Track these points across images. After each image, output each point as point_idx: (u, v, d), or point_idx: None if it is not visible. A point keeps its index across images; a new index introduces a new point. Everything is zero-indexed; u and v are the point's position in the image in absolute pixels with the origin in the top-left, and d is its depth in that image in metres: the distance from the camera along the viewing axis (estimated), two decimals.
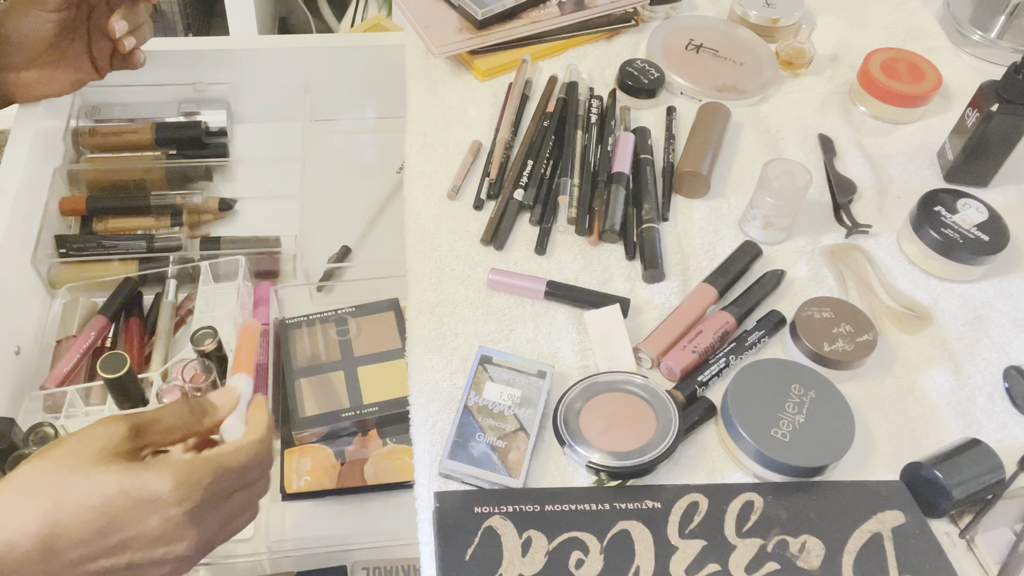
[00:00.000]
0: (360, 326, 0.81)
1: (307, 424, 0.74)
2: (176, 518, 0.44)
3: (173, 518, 0.44)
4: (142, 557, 0.44)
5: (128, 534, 0.44)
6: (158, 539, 0.44)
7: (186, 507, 0.44)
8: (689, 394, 0.62)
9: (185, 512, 0.44)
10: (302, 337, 0.80)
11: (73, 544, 0.43)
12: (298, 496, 0.73)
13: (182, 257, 0.83)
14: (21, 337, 0.75)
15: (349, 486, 0.73)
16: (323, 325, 0.81)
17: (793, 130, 0.84)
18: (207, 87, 0.98)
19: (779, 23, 0.91)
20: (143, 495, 0.44)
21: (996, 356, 0.67)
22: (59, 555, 0.43)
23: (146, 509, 0.44)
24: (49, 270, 0.81)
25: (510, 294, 0.68)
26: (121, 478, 0.44)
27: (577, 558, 0.53)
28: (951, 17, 0.98)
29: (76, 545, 0.43)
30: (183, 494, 0.44)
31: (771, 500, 0.56)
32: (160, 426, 0.47)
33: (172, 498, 0.44)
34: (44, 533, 0.42)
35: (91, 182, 0.89)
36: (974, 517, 0.57)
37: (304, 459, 0.74)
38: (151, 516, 0.44)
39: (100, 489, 0.43)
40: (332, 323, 0.81)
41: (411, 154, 0.79)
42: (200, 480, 0.45)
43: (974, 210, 0.72)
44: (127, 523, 0.43)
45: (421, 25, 0.86)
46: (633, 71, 0.83)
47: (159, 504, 0.44)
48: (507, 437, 0.58)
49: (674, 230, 0.74)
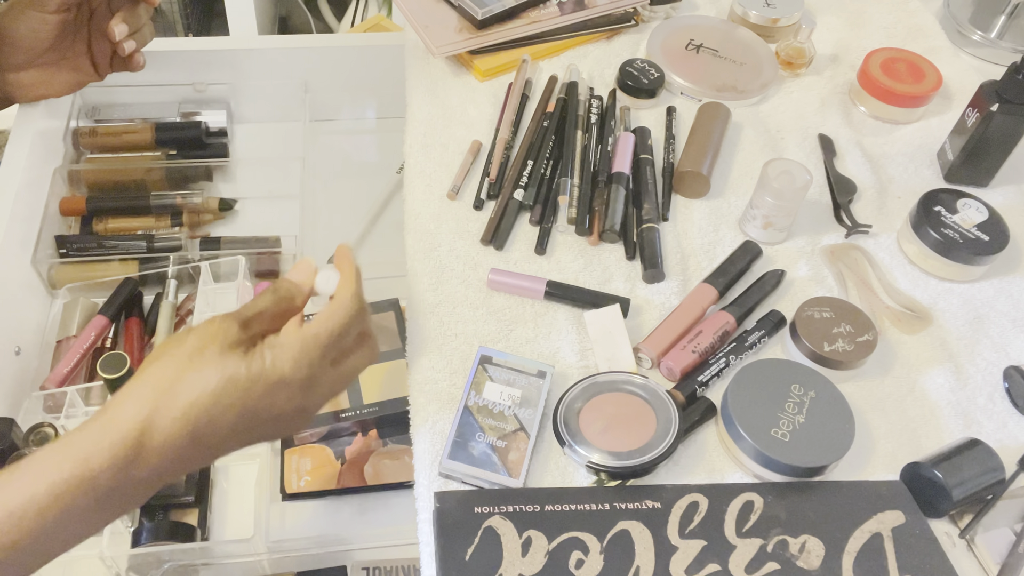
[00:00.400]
0: None
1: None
2: (299, 389, 0.50)
3: (297, 391, 0.50)
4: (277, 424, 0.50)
5: (261, 416, 0.49)
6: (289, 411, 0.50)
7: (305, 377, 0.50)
8: (689, 394, 0.62)
9: (305, 380, 0.50)
10: None
11: (217, 431, 0.48)
12: (298, 496, 0.73)
13: (182, 257, 0.83)
14: (21, 337, 0.75)
15: (349, 486, 0.73)
16: None
17: (793, 130, 0.84)
18: (207, 87, 0.98)
19: (779, 23, 0.91)
20: (270, 379, 0.49)
21: (996, 356, 0.67)
22: (207, 440, 0.48)
23: (274, 390, 0.49)
24: (49, 270, 0.81)
25: (510, 294, 0.68)
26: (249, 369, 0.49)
27: (577, 558, 0.53)
28: (951, 17, 0.98)
29: (220, 431, 0.48)
30: (302, 370, 0.50)
31: (771, 500, 0.56)
32: (263, 316, 0.52)
33: (295, 377, 0.49)
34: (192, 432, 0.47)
35: (91, 182, 0.89)
36: (974, 517, 0.57)
37: (304, 459, 0.74)
38: (279, 394, 0.49)
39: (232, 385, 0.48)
40: None
41: (411, 154, 0.79)
42: (312, 352, 0.50)
43: (974, 210, 0.72)
44: (259, 408, 0.49)
45: (421, 25, 0.86)
46: (633, 71, 0.83)
47: (283, 383, 0.49)
48: (507, 437, 0.58)
49: (674, 230, 0.74)
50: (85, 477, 0.45)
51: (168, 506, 0.70)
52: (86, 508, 0.46)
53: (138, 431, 0.46)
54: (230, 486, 0.74)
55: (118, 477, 0.46)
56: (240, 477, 0.75)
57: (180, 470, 0.49)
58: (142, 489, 0.48)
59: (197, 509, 0.70)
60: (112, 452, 0.46)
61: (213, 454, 0.50)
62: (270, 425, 0.50)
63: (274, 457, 0.75)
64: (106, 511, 0.48)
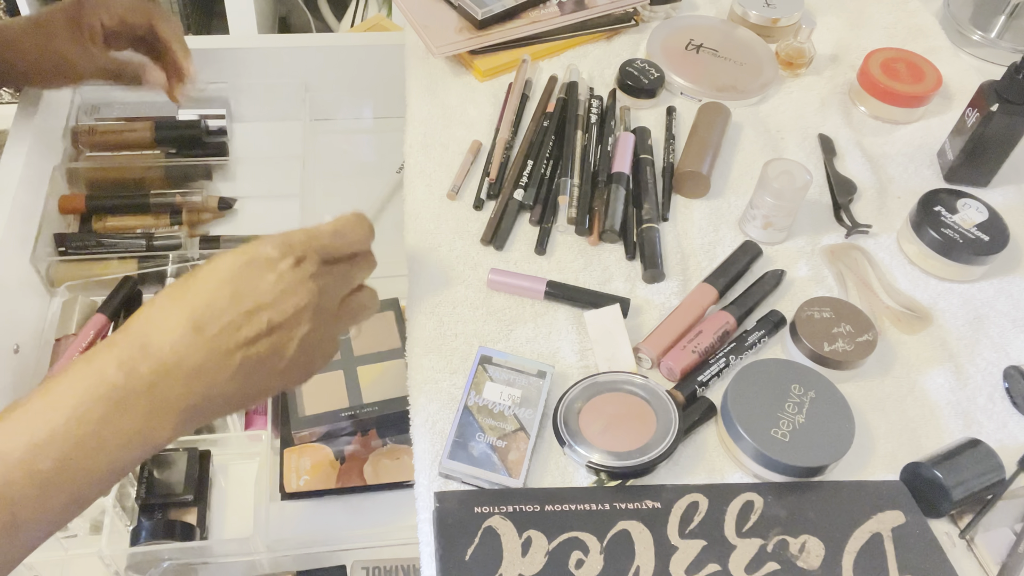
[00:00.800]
0: (360, 325, 0.81)
1: (306, 423, 0.74)
2: (288, 269, 0.50)
3: (286, 271, 0.50)
4: (276, 315, 0.49)
5: (255, 296, 0.49)
6: (281, 293, 0.49)
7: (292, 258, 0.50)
8: (689, 394, 0.62)
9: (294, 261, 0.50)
10: None
11: (215, 315, 0.48)
12: (297, 495, 0.73)
13: (181, 256, 0.83)
14: (20, 335, 0.75)
15: (348, 486, 0.73)
16: None
17: (793, 130, 0.84)
18: (207, 86, 0.97)
19: (779, 23, 0.91)
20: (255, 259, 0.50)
21: (996, 356, 0.67)
22: (206, 329, 0.48)
23: (261, 269, 0.49)
24: (48, 268, 0.81)
25: (510, 294, 0.68)
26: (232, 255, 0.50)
27: (577, 558, 0.53)
28: (951, 17, 0.98)
29: (218, 315, 0.48)
30: (285, 249, 0.50)
31: (771, 500, 0.56)
32: None
33: (276, 253, 0.50)
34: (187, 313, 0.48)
35: (90, 181, 0.89)
36: (974, 517, 0.57)
37: (304, 458, 0.74)
38: (267, 273, 0.49)
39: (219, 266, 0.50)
40: None
41: (411, 154, 0.79)
42: (297, 238, 0.51)
43: (974, 210, 0.72)
44: (250, 284, 0.49)
45: (421, 25, 0.86)
46: (633, 71, 0.83)
47: (270, 261, 0.50)
48: (507, 437, 0.58)
49: (674, 230, 0.74)
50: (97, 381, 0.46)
51: (167, 505, 0.69)
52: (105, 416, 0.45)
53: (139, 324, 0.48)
54: (229, 485, 0.74)
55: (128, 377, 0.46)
56: (239, 476, 0.75)
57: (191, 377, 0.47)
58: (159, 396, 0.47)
59: (196, 508, 0.70)
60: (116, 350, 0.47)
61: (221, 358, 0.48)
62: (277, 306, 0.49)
63: (273, 456, 0.75)
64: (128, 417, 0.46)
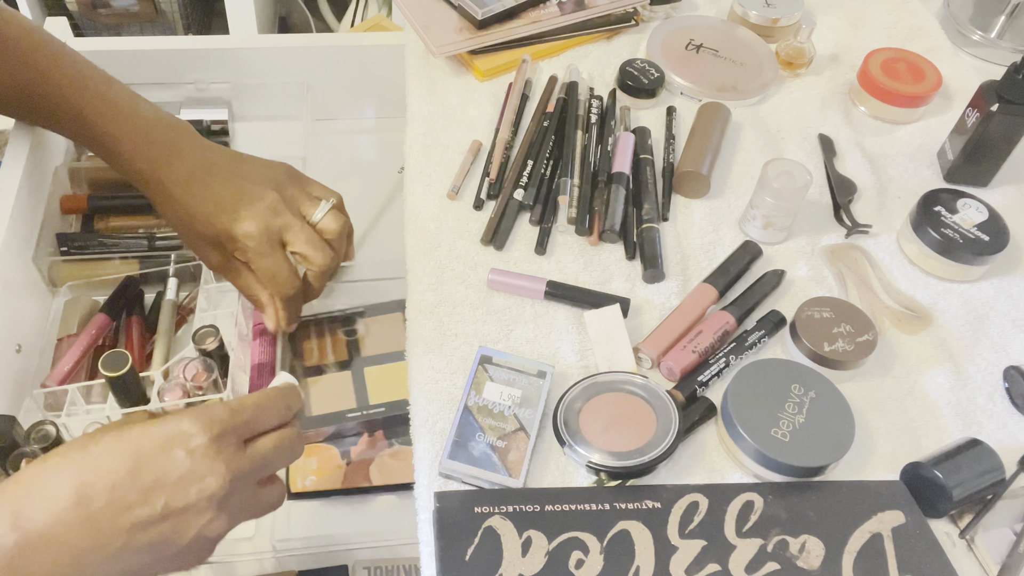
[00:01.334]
0: (368, 326, 0.81)
1: (313, 423, 0.74)
2: (201, 448, 0.45)
3: (197, 448, 0.45)
4: (176, 500, 0.44)
5: (156, 473, 0.44)
6: (187, 474, 0.45)
7: (209, 436, 0.45)
8: (689, 394, 0.62)
9: (209, 440, 0.45)
10: (309, 336, 0.80)
11: (106, 490, 0.43)
12: (304, 495, 0.73)
13: (183, 256, 0.83)
14: (22, 335, 0.75)
15: (355, 486, 0.73)
16: (331, 325, 0.81)
17: (793, 130, 0.84)
18: (208, 86, 0.98)
19: (779, 23, 0.91)
20: (166, 432, 0.45)
21: (996, 356, 0.67)
22: (93, 503, 0.43)
23: (171, 444, 0.45)
24: (50, 268, 0.81)
25: (510, 294, 0.68)
26: (144, 426, 0.45)
27: (577, 558, 0.53)
28: (951, 17, 0.98)
29: (109, 491, 0.43)
30: (203, 425, 0.45)
31: (771, 500, 0.57)
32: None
33: (193, 429, 0.45)
34: (76, 482, 0.42)
35: (92, 180, 0.89)
36: (974, 517, 0.57)
37: (310, 458, 0.74)
38: (176, 449, 0.44)
39: (125, 436, 0.44)
40: (340, 323, 0.81)
41: (411, 154, 0.79)
42: (217, 413, 0.46)
43: (974, 210, 0.72)
44: (154, 460, 0.44)
45: (421, 25, 0.86)
46: (633, 71, 0.83)
47: (182, 437, 0.45)
48: (507, 437, 0.58)
49: (674, 230, 0.74)
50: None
51: None
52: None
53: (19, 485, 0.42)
54: None
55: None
56: None
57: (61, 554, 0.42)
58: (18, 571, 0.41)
59: None
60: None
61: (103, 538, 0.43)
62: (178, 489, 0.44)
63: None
64: None
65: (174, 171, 0.65)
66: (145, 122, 0.66)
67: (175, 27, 1.51)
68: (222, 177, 0.65)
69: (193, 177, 0.65)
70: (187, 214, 0.65)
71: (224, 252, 0.67)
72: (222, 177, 0.65)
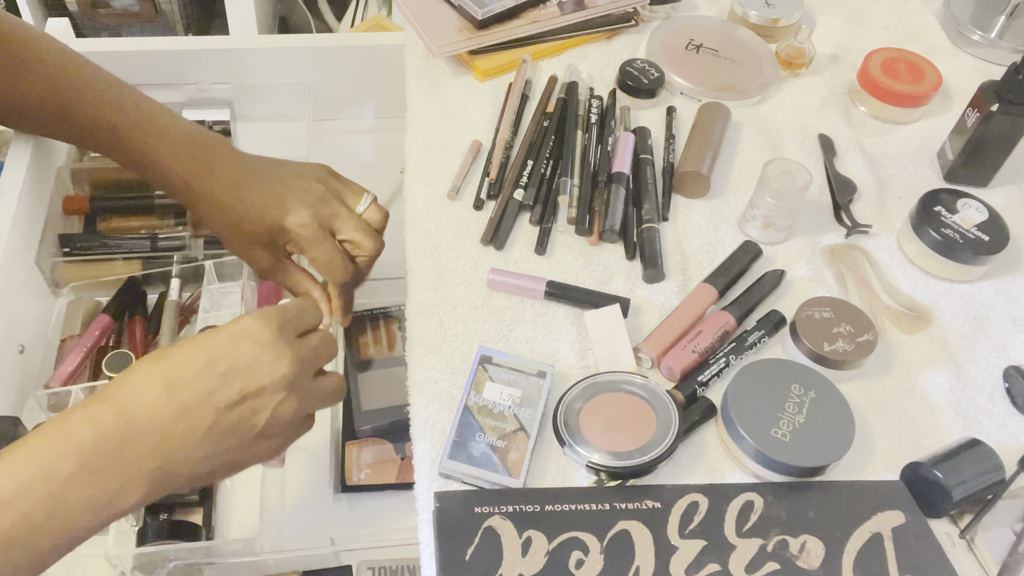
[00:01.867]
0: None
1: (367, 419, 0.74)
2: (265, 338, 0.51)
3: (262, 338, 0.51)
4: (251, 383, 0.50)
5: (231, 362, 0.50)
6: (257, 361, 0.51)
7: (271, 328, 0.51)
8: (689, 394, 0.62)
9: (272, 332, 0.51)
10: (365, 331, 0.80)
11: (189, 380, 0.49)
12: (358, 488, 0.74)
13: (186, 256, 0.83)
14: (25, 336, 0.76)
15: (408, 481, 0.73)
16: (386, 320, 0.81)
17: (793, 130, 0.84)
18: (210, 86, 0.98)
19: (779, 23, 0.91)
20: (232, 330, 0.51)
21: (996, 356, 0.67)
22: (180, 393, 0.49)
23: (239, 337, 0.51)
24: (53, 269, 0.81)
25: (510, 294, 0.69)
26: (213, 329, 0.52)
27: (577, 558, 0.53)
28: (951, 17, 0.98)
29: (191, 380, 0.49)
30: (264, 320, 0.52)
31: (771, 500, 0.57)
32: None
33: (256, 324, 0.51)
34: (162, 377, 0.49)
35: (95, 181, 0.89)
36: (974, 517, 0.57)
37: (364, 452, 0.75)
38: (244, 342, 0.51)
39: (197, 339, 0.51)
40: (395, 318, 0.81)
41: (411, 154, 0.79)
42: (270, 312, 0.53)
43: (974, 210, 0.72)
44: (227, 352, 0.50)
45: (421, 25, 0.86)
46: (633, 71, 0.84)
47: (247, 331, 0.51)
48: (507, 437, 0.58)
49: (674, 230, 0.75)
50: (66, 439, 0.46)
51: (173, 505, 0.70)
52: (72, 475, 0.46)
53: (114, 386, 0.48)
54: (235, 485, 0.75)
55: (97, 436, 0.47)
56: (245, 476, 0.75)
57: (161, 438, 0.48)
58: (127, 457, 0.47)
59: (202, 508, 0.70)
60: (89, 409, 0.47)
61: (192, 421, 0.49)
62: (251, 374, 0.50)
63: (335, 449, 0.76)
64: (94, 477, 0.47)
65: (217, 179, 0.67)
66: (184, 135, 0.68)
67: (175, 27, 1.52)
68: (265, 178, 0.67)
69: (238, 181, 0.67)
70: (237, 217, 0.67)
71: (274, 252, 0.69)
72: (265, 178, 0.67)
